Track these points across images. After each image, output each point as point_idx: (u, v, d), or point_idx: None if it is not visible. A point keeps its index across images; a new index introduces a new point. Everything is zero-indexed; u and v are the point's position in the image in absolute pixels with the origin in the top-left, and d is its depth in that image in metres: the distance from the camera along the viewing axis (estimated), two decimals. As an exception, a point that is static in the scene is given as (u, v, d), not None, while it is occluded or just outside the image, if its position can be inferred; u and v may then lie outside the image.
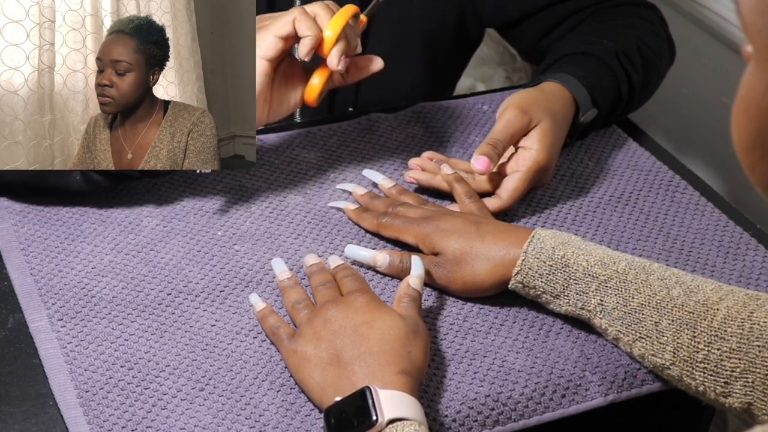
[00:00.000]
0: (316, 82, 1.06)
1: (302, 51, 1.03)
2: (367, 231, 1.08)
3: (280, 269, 0.99)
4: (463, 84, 1.98)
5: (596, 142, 1.26)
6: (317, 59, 1.04)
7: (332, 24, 1.03)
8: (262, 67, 1.03)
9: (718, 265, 1.07)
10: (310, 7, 1.04)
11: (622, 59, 1.22)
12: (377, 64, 1.09)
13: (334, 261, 1.01)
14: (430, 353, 0.90)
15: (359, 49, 1.07)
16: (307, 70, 1.08)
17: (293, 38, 1.04)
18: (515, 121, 1.09)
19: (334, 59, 1.03)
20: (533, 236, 0.96)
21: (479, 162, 1.06)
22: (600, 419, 0.98)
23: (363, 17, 1.08)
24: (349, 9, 1.05)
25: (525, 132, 1.11)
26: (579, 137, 1.22)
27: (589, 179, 1.19)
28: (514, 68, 2.14)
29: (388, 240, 1.06)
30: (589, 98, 1.18)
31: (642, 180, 1.20)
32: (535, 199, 1.15)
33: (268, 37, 1.03)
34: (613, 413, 0.97)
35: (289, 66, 1.07)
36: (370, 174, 1.15)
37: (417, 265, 0.97)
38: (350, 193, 1.13)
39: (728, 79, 1.71)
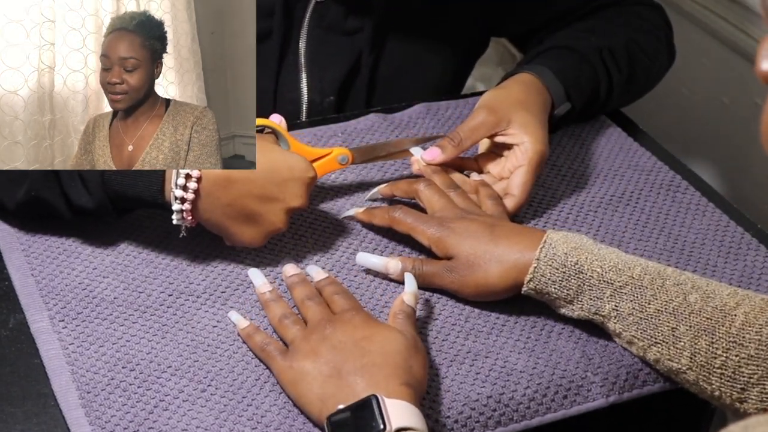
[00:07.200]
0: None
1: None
2: (379, 229, 1.07)
3: (260, 282, 0.98)
4: (462, 84, 1.98)
5: (597, 142, 1.26)
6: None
7: None
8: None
9: (719, 266, 1.07)
10: None
11: (605, 57, 1.21)
12: None
13: (315, 272, 0.99)
14: (428, 369, 0.89)
15: None
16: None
17: None
18: (479, 119, 1.11)
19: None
20: (545, 241, 0.95)
21: (427, 153, 1.11)
22: (601, 420, 0.98)
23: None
24: None
25: (494, 130, 1.11)
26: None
27: (590, 179, 1.19)
28: (513, 68, 2.14)
29: (401, 239, 1.06)
30: (563, 92, 1.18)
31: (643, 180, 1.20)
32: (536, 199, 1.15)
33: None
34: (615, 414, 0.97)
35: None
36: (416, 151, 1.14)
37: (410, 282, 0.96)
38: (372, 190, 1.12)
39: (728, 79, 1.72)
